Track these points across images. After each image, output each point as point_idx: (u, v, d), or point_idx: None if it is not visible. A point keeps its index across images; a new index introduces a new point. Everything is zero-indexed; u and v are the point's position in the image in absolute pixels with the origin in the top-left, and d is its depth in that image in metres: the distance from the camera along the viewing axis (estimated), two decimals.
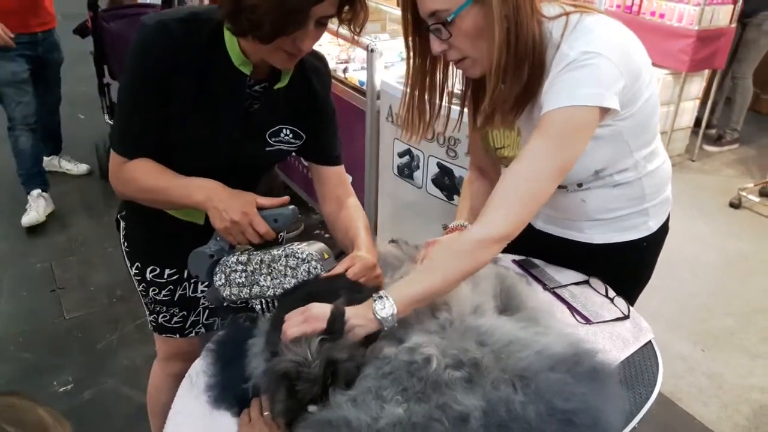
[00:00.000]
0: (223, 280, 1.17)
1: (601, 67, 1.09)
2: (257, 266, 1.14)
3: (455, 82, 1.33)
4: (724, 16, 4.05)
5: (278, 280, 1.13)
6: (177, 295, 1.51)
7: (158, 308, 1.52)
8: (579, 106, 1.09)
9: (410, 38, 1.22)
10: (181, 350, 1.60)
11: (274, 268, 1.13)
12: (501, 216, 1.09)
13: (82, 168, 3.97)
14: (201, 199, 1.20)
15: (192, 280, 1.50)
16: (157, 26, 1.16)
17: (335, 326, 0.98)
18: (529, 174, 1.10)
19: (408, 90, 1.29)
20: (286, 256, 1.13)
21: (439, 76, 1.28)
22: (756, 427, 2.30)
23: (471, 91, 1.33)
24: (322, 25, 1.14)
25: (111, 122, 3.58)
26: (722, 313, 2.93)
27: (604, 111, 1.12)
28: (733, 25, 4.12)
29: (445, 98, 1.31)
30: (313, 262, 1.11)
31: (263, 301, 1.15)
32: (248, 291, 1.15)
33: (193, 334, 1.57)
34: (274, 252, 1.13)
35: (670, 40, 4.01)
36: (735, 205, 3.93)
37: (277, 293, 1.13)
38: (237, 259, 1.16)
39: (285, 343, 0.98)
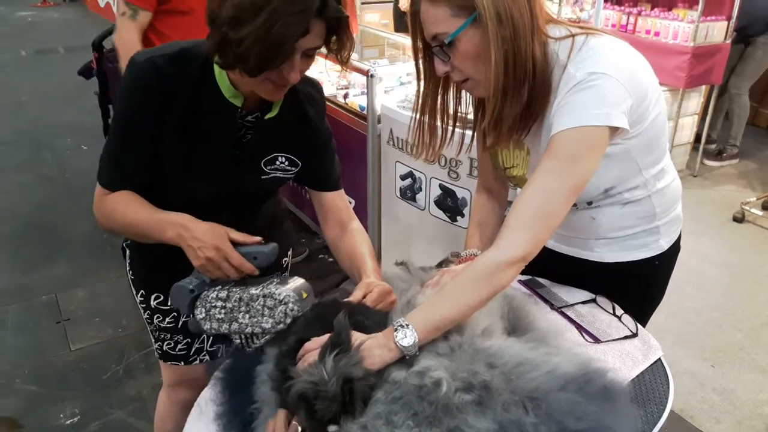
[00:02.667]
0: (203, 315, 1.17)
1: (607, 87, 1.10)
2: (236, 304, 1.14)
3: (468, 105, 1.34)
4: (718, 33, 4.10)
5: (256, 319, 1.13)
6: (181, 322, 1.51)
7: (163, 335, 1.53)
8: (588, 126, 1.10)
9: (420, 63, 1.25)
10: (186, 377, 1.60)
11: (252, 306, 1.13)
12: (517, 238, 1.09)
13: None
14: (172, 236, 1.19)
15: None
16: (146, 63, 1.18)
17: (341, 338, 0.98)
18: (543, 195, 1.11)
19: (417, 114, 1.31)
20: (264, 296, 1.12)
21: (450, 100, 1.29)
22: None
23: (477, 111, 1.34)
24: (308, 56, 1.14)
25: None
26: (730, 328, 2.91)
27: (613, 130, 1.13)
28: (728, 41, 4.17)
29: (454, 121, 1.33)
30: (290, 304, 1.11)
31: (242, 336, 1.15)
32: (227, 327, 1.15)
33: (197, 362, 1.57)
34: (252, 291, 1.13)
35: (667, 58, 4.05)
36: (738, 219, 3.93)
37: (255, 331, 1.14)
38: (217, 295, 1.16)
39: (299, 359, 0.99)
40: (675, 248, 1.45)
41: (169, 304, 1.48)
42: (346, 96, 3.10)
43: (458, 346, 1.03)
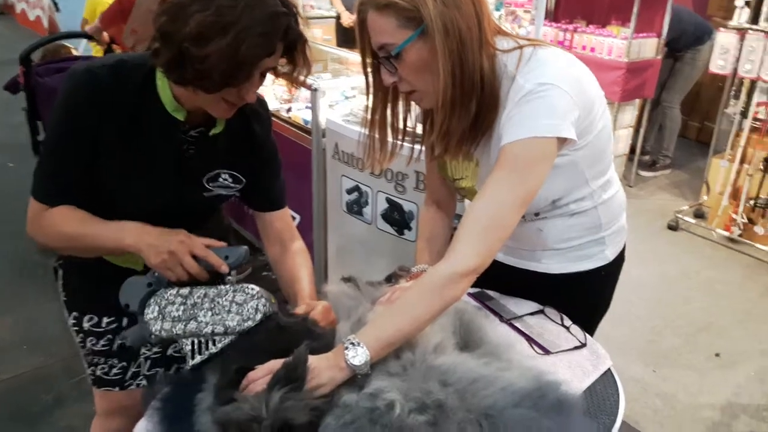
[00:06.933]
0: (155, 314, 1.09)
1: (556, 98, 1.11)
2: (199, 300, 1.09)
3: (416, 119, 1.33)
4: (650, 49, 4.27)
5: (220, 317, 1.06)
6: (115, 345, 1.44)
7: (96, 359, 1.45)
8: (537, 137, 1.10)
9: (369, 71, 1.22)
10: (120, 404, 1.52)
11: (218, 302, 1.07)
12: (468, 250, 1.08)
13: None
14: (132, 241, 1.16)
15: None
16: (85, 73, 1.15)
17: (297, 372, 0.93)
18: (493, 206, 1.10)
19: (366, 126, 1.29)
20: (234, 291, 1.07)
21: (399, 112, 1.28)
22: None
23: (425, 122, 1.33)
24: (262, 76, 1.16)
25: None
26: (670, 334, 3.00)
27: (562, 141, 1.14)
28: (659, 57, 4.34)
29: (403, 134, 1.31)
30: (263, 300, 1.06)
31: (195, 341, 1.08)
32: (183, 327, 1.08)
33: (133, 387, 1.50)
34: (221, 286, 1.08)
35: (603, 73, 4.18)
36: (673, 227, 4.08)
37: (216, 330, 1.07)
38: (177, 292, 1.10)
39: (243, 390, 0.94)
40: (620, 258, 1.47)
41: (103, 325, 1.42)
42: (289, 110, 3.06)
43: (410, 364, 1.01)
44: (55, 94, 1.20)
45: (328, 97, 2.82)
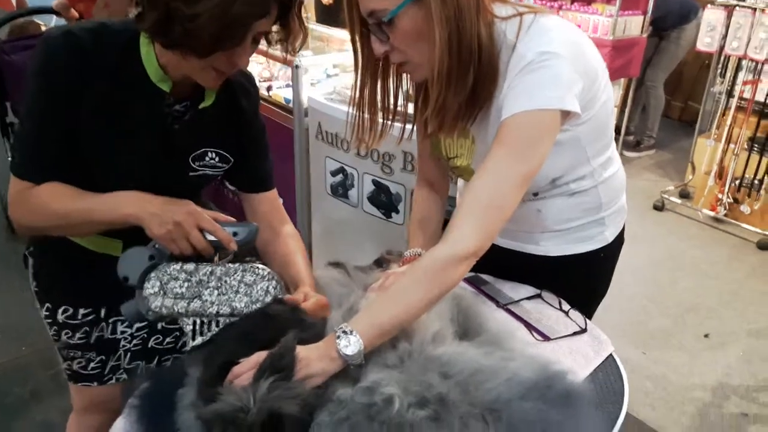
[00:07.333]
0: (156, 289, 1.02)
1: (559, 68, 1.04)
2: (205, 277, 1.02)
3: (406, 97, 1.25)
4: (635, 26, 4.21)
5: (227, 296, 1.01)
6: (93, 338, 1.36)
7: (72, 353, 1.37)
8: (540, 109, 1.04)
9: (357, 40, 1.14)
10: (99, 400, 1.45)
11: (226, 281, 1.01)
12: (468, 231, 1.01)
13: None
14: (132, 210, 1.07)
15: (110, 320, 1.36)
16: (64, 36, 1.06)
17: (283, 361, 0.87)
18: (494, 185, 1.04)
19: (354, 104, 1.20)
20: (244, 270, 1.01)
21: (389, 88, 1.20)
22: (701, 426, 2.32)
23: (418, 97, 1.25)
24: (255, 41, 1.07)
25: None
26: (658, 315, 2.99)
27: (565, 114, 1.07)
28: (645, 35, 4.30)
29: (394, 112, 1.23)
30: (274, 282, 1.00)
31: (196, 321, 1.02)
32: (185, 305, 1.01)
33: (113, 381, 1.42)
34: (230, 264, 1.01)
35: None
36: (659, 207, 4.07)
37: (221, 311, 1.01)
38: (182, 267, 1.03)
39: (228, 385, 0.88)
40: (620, 240, 1.42)
41: (79, 317, 1.33)
42: (269, 89, 2.96)
43: (408, 355, 0.94)
44: (23, 72, 1.10)
45: (309, 74, 2.73)
